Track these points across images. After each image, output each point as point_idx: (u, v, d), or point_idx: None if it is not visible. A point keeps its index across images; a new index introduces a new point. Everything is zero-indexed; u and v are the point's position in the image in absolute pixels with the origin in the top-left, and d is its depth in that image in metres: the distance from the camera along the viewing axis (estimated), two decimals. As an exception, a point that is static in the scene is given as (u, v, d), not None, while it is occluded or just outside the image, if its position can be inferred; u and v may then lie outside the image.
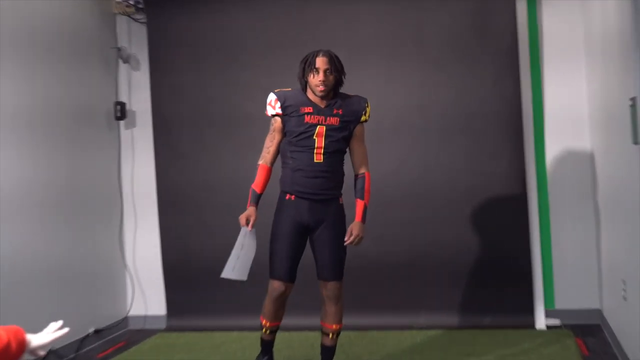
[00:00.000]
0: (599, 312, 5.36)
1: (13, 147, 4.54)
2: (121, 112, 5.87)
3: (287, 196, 4.05)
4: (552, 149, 5.49)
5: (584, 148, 5.40)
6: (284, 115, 4.03)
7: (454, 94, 5.42)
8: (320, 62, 3.97)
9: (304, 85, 4.04)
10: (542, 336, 5.13)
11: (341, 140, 4.04)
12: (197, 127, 5.68)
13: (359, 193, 4.07)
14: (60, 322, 2.11)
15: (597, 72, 4.96)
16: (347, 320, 4.27)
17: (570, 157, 5.42)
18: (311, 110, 4.00)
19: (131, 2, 5.74)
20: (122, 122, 5.96)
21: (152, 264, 5.90)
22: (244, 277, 3.84)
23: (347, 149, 4.12)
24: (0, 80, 4.45)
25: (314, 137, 3.99)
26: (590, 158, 5.39)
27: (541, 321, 5.37)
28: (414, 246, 5.45)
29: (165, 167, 5.74)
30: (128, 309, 5.94)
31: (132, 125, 6.02)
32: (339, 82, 4.05)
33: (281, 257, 3.95)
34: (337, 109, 4.03)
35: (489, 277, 5.42)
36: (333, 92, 4.05)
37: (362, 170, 4.10)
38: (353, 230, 3.98)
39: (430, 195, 5.44)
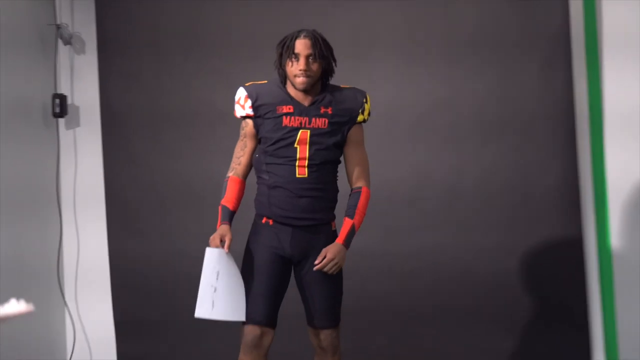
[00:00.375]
0: None
1: None
2: (61, 107, 5.23)
3: (264, 219, 3.62)
4: (614, 157, 4.92)
5: None
6: (257, 117, 3.60)
7: (488, 88, 5.00)
8: (301, 45, 3.52)
9: (283, 76, 3.59)
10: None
11: (331, 148, 3.59)
12: (157, 125, 5.22)
13: (350, 210, 3.62)
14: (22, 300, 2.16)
15: None
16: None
17: (637, 167, 4.92)
18: (291, 110, 3.56)
19: None
20: (62, 120, 5.32)
21: (99, 299, 5.21)
22: (242, 317, 3.46)
23: (342, 158, 3.70)
24: None
25: (296, 145, 3.56)
26: None
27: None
28: (440, 281, 4.94)
29: (117, 177, 5.21)
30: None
31: (74, 124, 5.37)
32: (327, 72, 3.60)
33: (256, 295, 3.51)
34: (326, 106, 3.58)
35: (536, 321, 4.93)
36: (321, 84, 3.60)
37: (359, 184, 3.66)
38: (328, 252, 3.52)
39: (459, 217, 4.98)
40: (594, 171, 4.93)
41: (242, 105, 3.62)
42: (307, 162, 3.55)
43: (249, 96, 3.60)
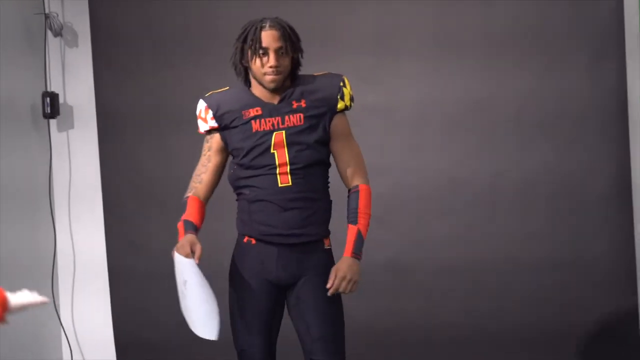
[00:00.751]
0: None
1: None
2: (52, 107, 5.06)
3: (246, 239, 3.24)
4: None
5: None
6: (222, 128, 3.23)
7: (531, 84, 4.75)
8: (268, 37, 3.13)
9: (244, 75, 3.23)
10: None
11: (314, 147, 3.18)
12: (157, 125, 5.11)
13: (351, 215, 3.22)
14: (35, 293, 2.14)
15: None
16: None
17: None
18: (259, 112, 3.18)
19: None
20: (53, 121, 5.13)
21: (97, 322, 5.07)
22: (213, 336, 3.07)
23: (331, 156, 3.32)
24: None
25: (272, 151, 3.17)
26: None
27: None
28: (478, 299, 4.69)
29: (114, 181, 5.08)
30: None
31: (68, 125, 5.20)
32: (296, 64, 3.25)
33: (249, 331, 3.21)
34: (298, 100, 3.19)
35: (585, 339, 4.70)
36: (290, 78, 3.24)
37: (356, 182, 3.25)
38: (338, 270, 3.13)
39: (499, 228, 4.73)
40: None
41: (204, 119, 3.27)
42: (288, 167, 3.16)
43: (209, 107, 3.25)
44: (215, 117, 3.23)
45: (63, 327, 5.09)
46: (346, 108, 3.24)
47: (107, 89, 5.05)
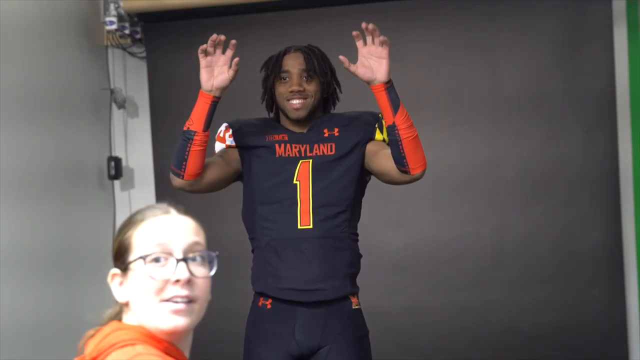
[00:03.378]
0: None
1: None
2: (116, 169, 5.33)
3: (261, 301, 2.82)
4: None
5: None
6: (241, 147, 2.88)
7: (532, 148, 4.99)
8: (291, 60, 2.84)
9: (272, 105, 2.94)
10: None
11: (344, 179, 2.79)
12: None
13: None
14: None
15: None
16: None
17: None
18: (285, 138, 2.83)
19: (126, 32, 5.16)
20: (117, 182, 5.44)
21: None
22: None
23: (360, 189, 2.92)
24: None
25: (295, 181, 2.78)
26: None
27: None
28: (487, 337, 4.99)
29: None
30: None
31: (129, 185, 5.49)
32: (330, 96, 2.94)
33: None
34: (330, 129, 2.84)
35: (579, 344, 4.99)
36: (322, 112, 2.93)
37: None
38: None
39: (505, 278, 5.00)
40: (637, 233, 4.95)
41: (222, 139, 2.95)
42: (310, 204, 2.77)
43: (230, 126, 2.95)
44: (234, 135, 2.91)
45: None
46: (384, 141, 2.87)
47: (164, 153, 5.11)
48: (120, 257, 1.68)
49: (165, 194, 4.99)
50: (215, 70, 2.75)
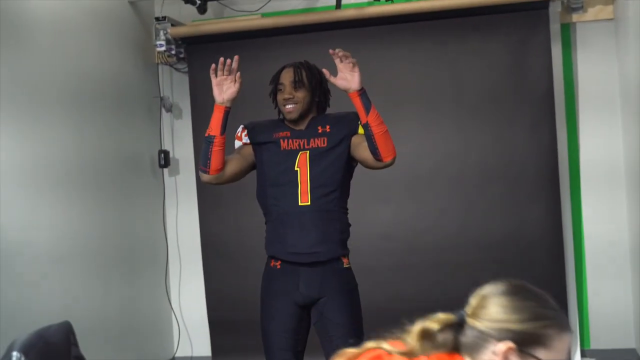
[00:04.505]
0: (634, 352, 5.43)
1: (64, 196, 4.61)
2: (165, 160, 5.94)
3: (272, 263, 3.28)
4: (589, 199, 5.53)
5: (621, 200, 5.45)
6: (254, 143, 3.32)
7: (491, 143, 5.49)
8: (285, 74, 3.29)
9: (279, 110, 3.37)
10: (579, 377, 5.13)
11: (335, 165, 3.21)
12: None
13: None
14: None
15: (633, 124, 5.02)
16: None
17: (607, 208, 5.49)
18: (288, 135, 3.26)
19: (172, 52, 5.79)
20: (165, 170, 6.03)
21: (197, 307, 5.96)
22: None
23: (348, 173, 3.33)
24: (53, 129, 4.56)
25: (296, 168, 3.21)
26: (627, 211, 5.42)
27: (577, 360, 5.40)
28: (452, 289, 5.37)
29: (208, 214, 5.81)
30: (175, 350, 6.03)
31: (175, 172, 6.09)
32: (319, 103, 3.32)
33: (279, 347, 3.21)
34: (323, 126, 3.28)
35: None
36: (317, 113, 3.34)
37: None
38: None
39: (469, 241, 5.51)
40: (573, 211, 5.49)
41: (239, 137, 3.36)
42: (308, 185, 3.16)
43: (245, 127, 3.36)
44: (248, 134, 3.30)
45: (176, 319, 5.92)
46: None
47: (202, 147, 4.68)
48: (525, 342, 1.60)
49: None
50: (224, 86, 3.14)
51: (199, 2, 5.62)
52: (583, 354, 5.50)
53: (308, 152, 3.18)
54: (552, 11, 5.40)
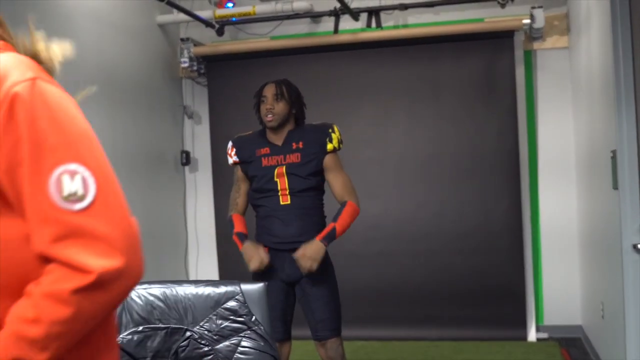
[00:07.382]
0: (580, 328, 5.97)
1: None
2: (186, 159, 6.51)
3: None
4: (545, 192, 6.11)
5: (571, 192, 6.01)
6: (242, 162, 3.59)
7: (465, 146, 6.02)
8: (267, 89, 3.51)
9: (262, 121, 3.56)
10: (533, 347, 5.70)
11: (309, 177, 3.50)
12: None
13: (335, 217, 3.46)
14: None
15: (582, 124, 5.42)
16: (373, 332, 5.03)
17: (559, 199, 6.07)
18: (267, 152, 3.51)
19: (194, 68, 6.27)
20: (186, 167, 6.55)
21: None
22: None
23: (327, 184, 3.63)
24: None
25: (275, 179, 3.49)
26: (577, 200, 5.90)
27: (532, 334, 5.92)
28: (429, 271, 6.05)
29: (222, 206, 5.94)
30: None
31: (195, 170, 6.62)
32: (297, 114, 3.55)
33: (272, 318, 3.11)
34: (297, 142, 3.50)
35: (490, 298, 5.96)
36: (295, 125, 3.58)
37: (345, 199, 3.52)
38: (306, 249, 3.35)
39: (444, 230, 6.02)
40: (531, 201, 6.07)
41: (230, 155, 3.59)
42: (287, 191, 3.42)
43: (234, 146, 3.57)
44: (237, 154, 3.54)
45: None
46: (334, 149, 3.48)
47: (218, 148, 6.05)
48: None
49: (219, 176, 6.46)
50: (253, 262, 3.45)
51: (217, 26, 6.08)
52: (537, 329, 6.00)
53: (285, 166, 3.46)
54: (516, 40, 6.01)
